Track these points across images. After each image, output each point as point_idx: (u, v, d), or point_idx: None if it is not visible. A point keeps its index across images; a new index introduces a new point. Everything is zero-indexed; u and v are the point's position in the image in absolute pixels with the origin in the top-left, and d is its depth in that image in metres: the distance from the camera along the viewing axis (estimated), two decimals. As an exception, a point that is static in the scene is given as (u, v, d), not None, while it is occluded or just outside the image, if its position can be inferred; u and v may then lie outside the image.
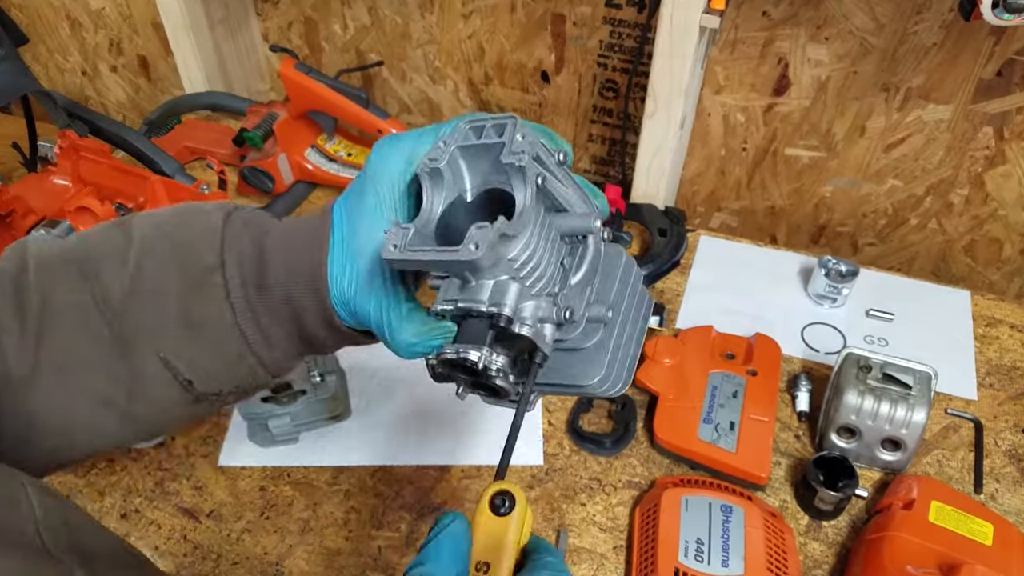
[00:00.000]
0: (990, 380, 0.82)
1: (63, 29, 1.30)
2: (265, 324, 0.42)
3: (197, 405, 0.43)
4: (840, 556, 0.68)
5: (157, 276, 0.41)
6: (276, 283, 0.41)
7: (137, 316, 0.40)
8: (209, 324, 0.41)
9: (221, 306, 0.40)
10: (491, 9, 1.03)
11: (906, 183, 0.99)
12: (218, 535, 0.69)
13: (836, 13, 0.88)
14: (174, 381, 0.41)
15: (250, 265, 0.41)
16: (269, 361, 0.43)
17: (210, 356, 0.41)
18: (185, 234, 0.42)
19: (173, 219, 0.43)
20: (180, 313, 0.40)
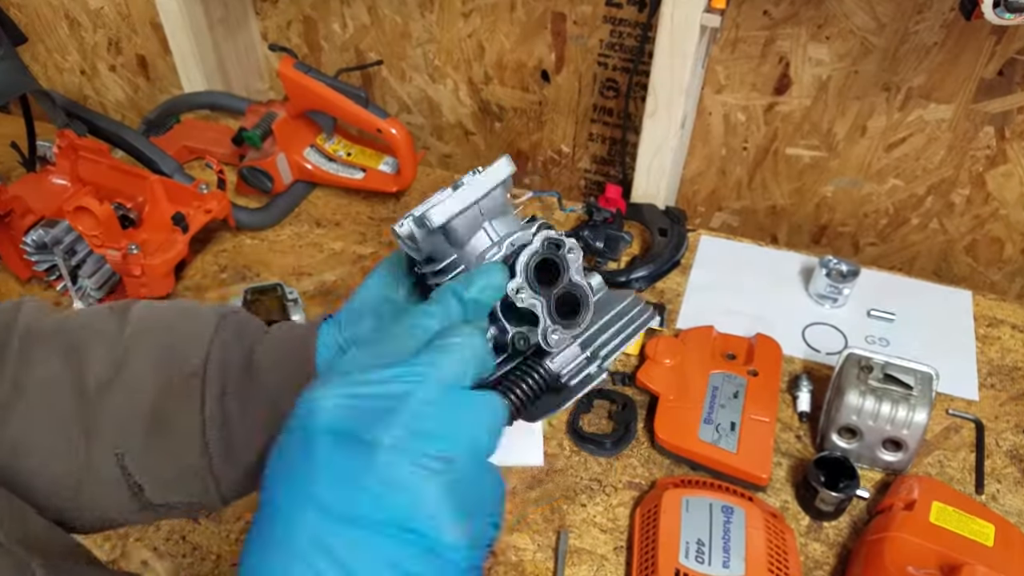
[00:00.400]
0: (991, 380, 0.82)
1: (62, 28, 1.29)
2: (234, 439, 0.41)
3: (141, 513, 0.42)
4: (841, 557, 0.68)
5: (138, 371, 0.40)
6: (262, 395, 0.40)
7: (108, 409, 0.39)
8: (175, 432, 0.40)
9: (190, 416, 0.40)
10: (491, 8, 1.03)
11: (907, 183, 0.99)
12: (217, 536, 0.69)
13: (837, 12, 0.87)
14: (124, 483, 0.40)
15: (237, 375, 0.40)
16: (226, 482, 0.42)
17: (168, 463, 0.40)
18: (176, 334, 0.41)
19: (169, 315, 0.42)
20: (151, 413, 0.40)
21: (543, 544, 0.68)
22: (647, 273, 0.91)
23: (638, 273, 0.90)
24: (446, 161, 1.24)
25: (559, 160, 1.16)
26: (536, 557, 0.67)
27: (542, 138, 1.14)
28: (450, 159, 1.24)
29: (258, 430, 0.41)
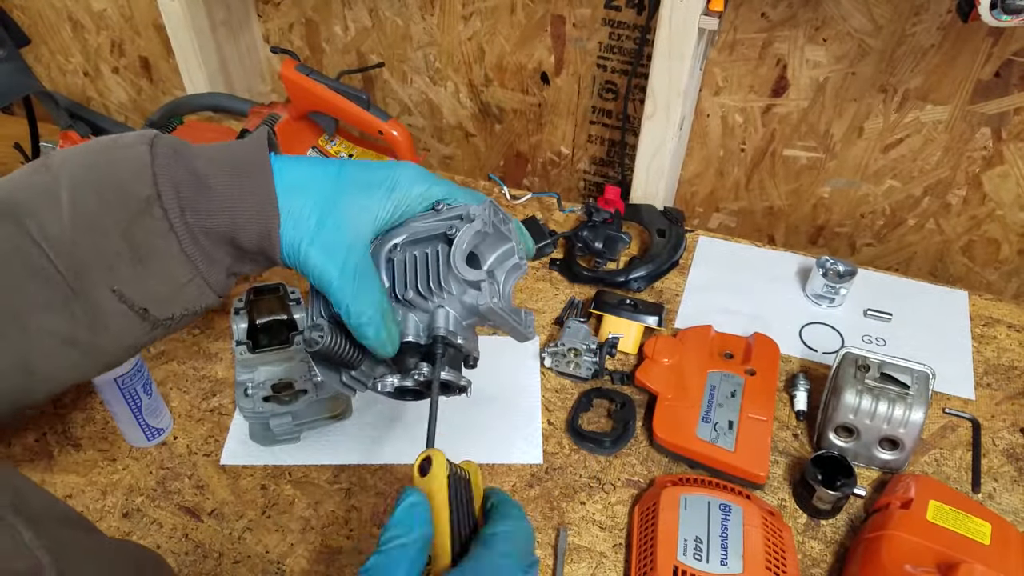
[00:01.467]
0: (988, 380, 0.82)
1: (65, 30, 1.30)
2: (207, 247, 0.44)
3: (155, 331, 0.45)
4: (838, 555, 0.68)
5: (96, 213, 0.41)
6: (219, 208, 0.44)
7: (83, 255, 0.41)
8: (157, 255, 0.43)
9: (165, 236, 0.42)
10: (491, 11, 1.04)
11: (904, 184, 0.99)
12: (220, 534, 0.69)
13: (834, 14, 0.88)
14: (130, 312, 0.43)
15: (188, 191, 0.43)
16: (214, 281, 0.45)
17: (162, 284, 0.43)
18: (115, 170, 0.43)
19: (97, 156, 0.44)
20: (127, 248, 0.42)
21: (542, 541, 0.69)
22: (646, 273, 0.91)
23: (637, 273, 0.91)
24: (447, 163, 1.25)
25: (558, 161, 1.17)
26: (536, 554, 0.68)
27: (541, 140, 1.15)
28: (451, 160, 1.24)
29: (224, 236, 0.44)
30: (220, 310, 0.89)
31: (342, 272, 0.44)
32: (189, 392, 0.81)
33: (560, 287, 0.93)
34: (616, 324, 0.85)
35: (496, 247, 0.49)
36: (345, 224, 0.45)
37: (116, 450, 0.76)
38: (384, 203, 0.46)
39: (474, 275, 0.46)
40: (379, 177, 0.46)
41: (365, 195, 0.46)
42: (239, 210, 0.44)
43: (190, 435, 0.77)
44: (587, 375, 0.81)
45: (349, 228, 0.45)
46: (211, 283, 0.45)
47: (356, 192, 0.46)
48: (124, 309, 0.43)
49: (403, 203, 0.47)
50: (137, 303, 0.43)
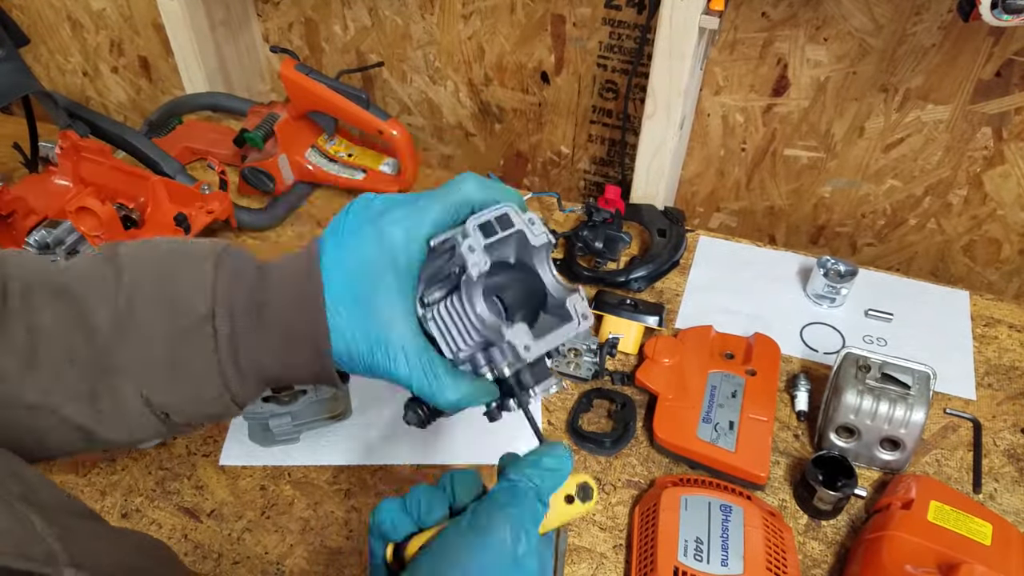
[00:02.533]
0: (989, 380, 0.82)
1: (64, 30, 1.30)
2: (245, 368, 0.43)
3: (169, 432, 0.46)
4: (839, 555, 0.68)
5: (146, 319, 0.42)
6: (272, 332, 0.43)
7: (124, 355, 0.42)
8: (193, 370, 0.42)
9: (208, 356, 0.42)
10: (491, 10, 1.03)
11: (905, 183, 0.99)
12: (219, 534, 0.69)
13: (835, 14, 0.88)
14: (151, 414, 0.43)
15: (242, 316, 0.43)
16: (241, 397, 0.45)
17: (190, 397, 0.43)
18: (176, 282, 0.43)
19: (163, 263, 0.44)
20: (166, 357, 0.42)
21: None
22: (646, 273, 0.91)
23: (637, 273, 0.91)
24: (447, 162, 1.25)
25: (558, 161, 1.16)
26: (536, 555, 0.68)
27: (542, 139, 1.15)
28: (450, 160, 1.24)
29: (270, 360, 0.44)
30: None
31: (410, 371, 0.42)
32: (188, 392, 0.81)
33: (560, 287, 0.93)
34: (616, 324, 0.84)
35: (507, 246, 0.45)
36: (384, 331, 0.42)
37: (115, 451, 0.75)
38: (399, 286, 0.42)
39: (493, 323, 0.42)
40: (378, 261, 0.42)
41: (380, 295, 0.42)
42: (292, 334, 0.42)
43: (189, 435, 0.77)
44: (587, 375, 0.81)
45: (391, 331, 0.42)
46: (237, 399, 0.44)
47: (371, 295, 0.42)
48: (147, 412, 0.43)
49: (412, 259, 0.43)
50: (159, 408, 0.43)
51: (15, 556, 0.31)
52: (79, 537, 0.36)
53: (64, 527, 0.35)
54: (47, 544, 0.33)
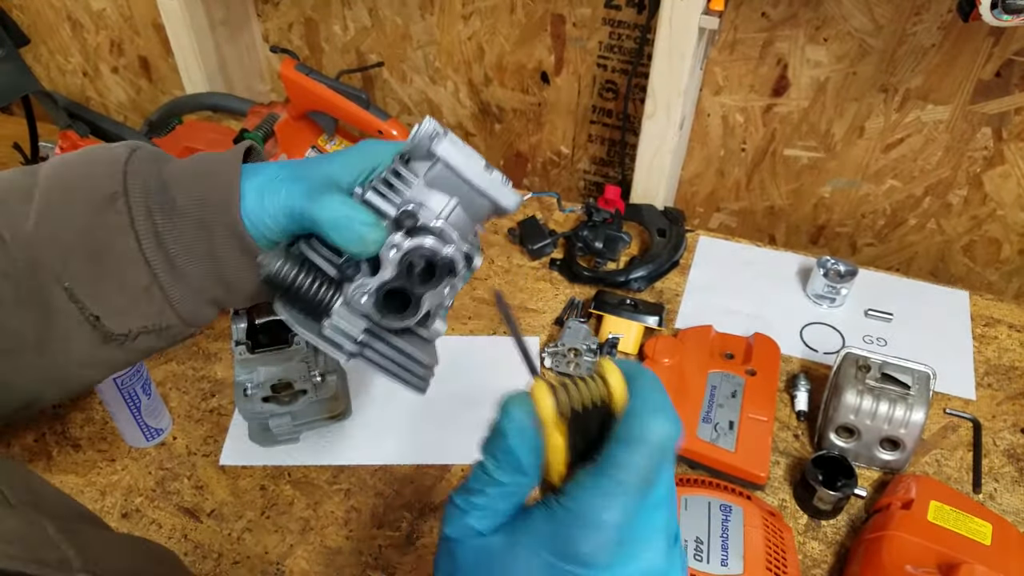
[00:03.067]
0: (988, 380, 0.82)
1: (64, 30, 1.30)
2: (172, 252, 0.41)
3: (107, 347, 0.42)
4: (839, 555, 0.68)
5: (60, 207, 0.40)
6: (186, 208, 0.41)
7: (42, 249, 0.40)
8: (113, 252, 0.40)
9: (125, 233, 0.40)
10: (491, 10, 1.03)
11: (905, 183, 0.99)
12: (219, 534, 0.69)
13: (835, 14, 0.88)
14: (80, 315, 0.40)
15: (156, 193, 0.41)
16: (177, 297, 0.42)
17: (115, 287, 0.41)
18: (89, 166, 0.42)
19: (78, 156, 0.43)
20: (83, 243, 0.40)
21: (543, 542, 0.69)
22: (646, 273, 0.91)
23: (637, 273, 0.91)
24: (446, 162, 1.25)
25: (558, 161, 1.16)
26: (536, 555, 0.68)
27: (541, 139, 1.15)
28: (450, 160, 1.24)
29: (192, 243, 0.42)
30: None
31: (307, 185, 0.41)
32: (188, 392, 0.81)
33: (560, 287, 0.93)
34: (616, 324, 0.84)
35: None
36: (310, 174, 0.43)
37: (115, 450, 0.75)
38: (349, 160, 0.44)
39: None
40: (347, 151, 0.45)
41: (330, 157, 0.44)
42: (204, 205, 0.42)
43: (189, 435, 0.77)
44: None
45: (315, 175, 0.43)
46: (172, 299, 0.42)
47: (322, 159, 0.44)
48: (74, 311, 0.40)
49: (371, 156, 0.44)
50: (88, 307, 0.40)
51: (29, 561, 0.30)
52: (91, 543, 0.35)
53: (75, 533, 0.34)
54: (60, 550, 0.33)
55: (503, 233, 0.99)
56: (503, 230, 0.99)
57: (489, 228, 1.00)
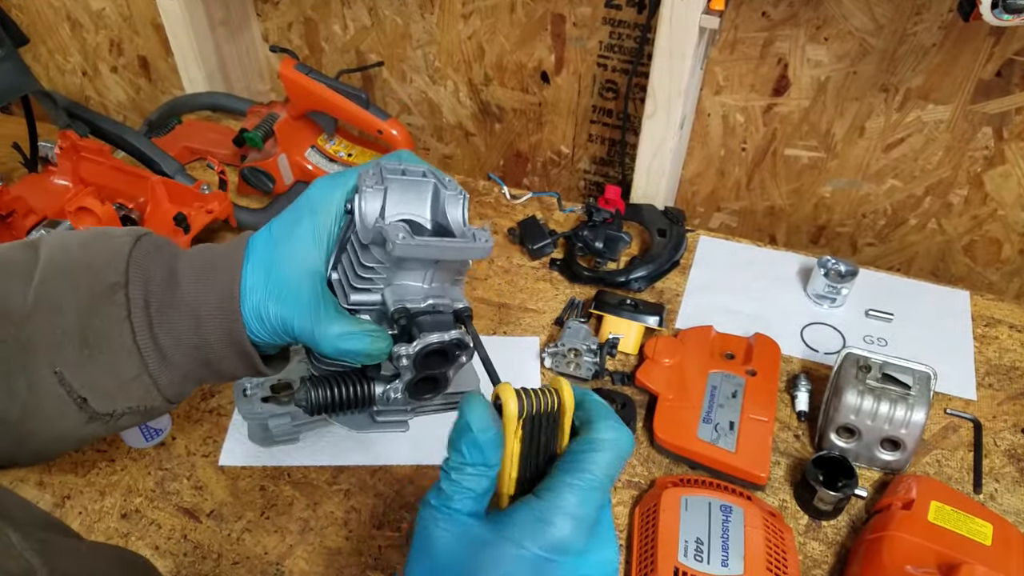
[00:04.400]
0: (989, 380, 0.82)
1: (63, 29, 1.30)
2: (164, 345, 0.42)
3: (90, 425, 0.43)
4: (840, 556, 0.68)
5: (59, 291, 0.41)
6: (183, 302, 0.42)
7: (36, 330, 0.40)
8: (107, 342, 0.41)
9: (121, 325, 0.41)
10: (491, 9, 1.03)
11: (905, 183, 0.99)
12: (218, 535, 0.69)
13: (836, 14, 0.88)
14: (68, 397, 0.41)
15: (157, 286, 0.42)
16: (165, 383, 0.43)
17: (106, 374, 0.41)
18: (92, 253, 0.42)
19: (82, 239, 0.43)
20: (79, 329, 0.41)
21: (543, 543, 0.68)
22: (646, 273, 0.91)
23: (637, 273, 0.91)
24: (446, 162, 1.25)
25: (559, 161, 1.16)
26: (536, 556, 0.68)
27: (542, 139, 1.15)
28: (450, 160, 1.24)
29: (184, 335, 0.43)
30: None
31: (299, 310, 0.42)
32: (188, 392, 0.81)
33: (560, 287, 0.93)
34: (616, 324, 0.84)
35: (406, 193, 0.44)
36: (288, 271, 0.43)
37: (114, 451, 0.75)
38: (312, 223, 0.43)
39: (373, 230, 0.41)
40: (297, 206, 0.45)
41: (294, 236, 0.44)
42: (202, 303, 0.42)
43: (188, 436, 0.77)
44: (587, 375, 0.81)
45: (292, 271, 0.43)
46: (160, 384, 0.43)
47: (286, 238, 0.44)
48: (62, 394, 0.41)
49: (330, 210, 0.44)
50: (76, 390, 0.41)
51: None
52: (56, 552, 0.35)
53: (41, 541, 0.34)
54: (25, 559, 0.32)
55: (503, 233, 0.99)
56: (503, 230, 0.99)
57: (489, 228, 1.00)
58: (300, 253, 0.43)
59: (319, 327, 0.42)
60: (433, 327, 0.41)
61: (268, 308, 0.42)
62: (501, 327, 0.87)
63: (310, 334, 0.42)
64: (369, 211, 0.42)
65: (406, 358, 0.41)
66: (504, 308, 0.89)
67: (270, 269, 0.43)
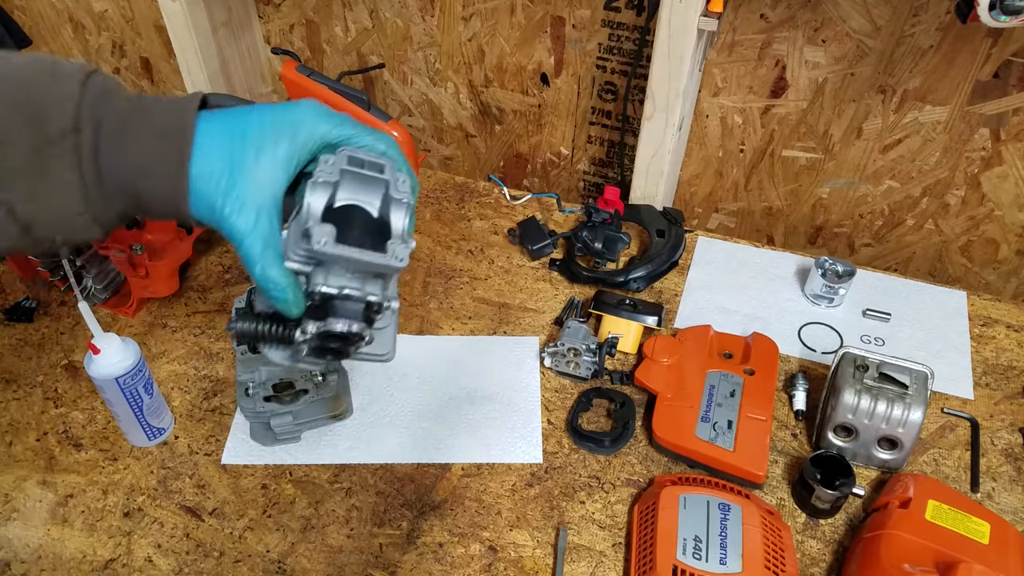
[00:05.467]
0: (986, 379, 0.82)
1: (66, 31, 1.30)
2: (108, 190, 0.44)
3: (25, 240, 0.45)
4: (837, 554, 0.68)
5: (8, 129, 0.42)
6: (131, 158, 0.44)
7: None
8: (56, 184, 0.43)
9: (71, 171, 0.43)
10: (491, 12, 1.04)
11: (903, 184, 0.99)
12: (221, 533, 0.70)
13: (833, 15, 0.88)
14: (11, 222, 0.44)
15: (107, 135, 0.44)
16: (105, 220, 0.46)
17: (52, 210, 0.44)
18: (41, 92, 0.43)
19: (26, 73, 0.44)
20: (28, 167, 0.42)
21: (542, 540, 0.69)
22: (645, 273, 0.91)
23: (636, 273, 0.91)
24: (447, 163, 1.25)
25: (558, 162, 1.17)
26: (535, 553, 0.68)
27: (541, 140, 1.15)
28: (451, 161, 1.25)
29: (130, 187, 0.45)
30: (221, 310, 0.89)
31: (252, 234, 0.45)
32: (190, 392, 0.81)
33: (560, 287, 0.93)
34: (616, 324, 0.85)
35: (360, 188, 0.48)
36: (254, 190, 0.45)
37: (117, 450, 0.76)
38: (291, 150, 0.46)
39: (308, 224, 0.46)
40: (284, 122, 0.46)
41: (273, 145, 0.46)
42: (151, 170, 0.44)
43: (191, 435, 0.77)
44: (587, 375, 0.81)
45: (260, 193, 0.45)
46: (101, 221, 0.45)
47: (265, 145, 0.46)
48: (7, 219, 0.43)
49: (308, 144, 0.47)
50: (21, 218, 0.43)
51: None
52: None
53: None
54: None
55: (503, 233, 1.00)
56: (503, 230, 1.00)
57: (489, 229, 1.01)
58: (271, 175, 0.45)
59: (261, 262, 0.45)
60: (342, 314, 0.47)
61: (223, 211, 0.45)
62: (501, 327, 0.87)
63: (249, 258, 0.46)
64: (314, 207, 0.46)
65: (309, 333, 0.47)
66: (504, 308, 0.90)
67: (236, 171, 0.45)
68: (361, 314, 0.47)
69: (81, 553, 0.68)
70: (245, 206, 0.45)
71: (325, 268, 0.47)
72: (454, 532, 0.70)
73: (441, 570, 0.67)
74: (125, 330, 0.87)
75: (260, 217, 0.45)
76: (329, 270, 0.47)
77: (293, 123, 0.46)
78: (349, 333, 0.47)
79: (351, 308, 0.47)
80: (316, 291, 0.46)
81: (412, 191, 0.49)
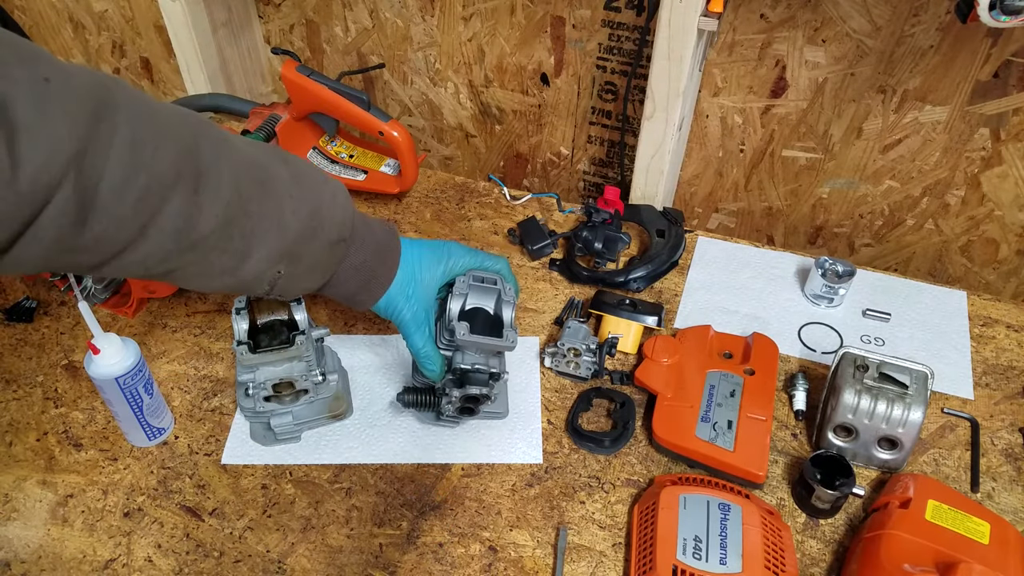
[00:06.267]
0: (986, 379, 0.82)
1: (66, 31, 1.30)
2: (340, 282, 0.63)
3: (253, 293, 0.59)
4: (837, 554, 0.68)
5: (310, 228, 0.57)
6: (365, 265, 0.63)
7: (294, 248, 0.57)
8: (318, 270, 0.60)
9: (331, 265, 0.61)
10: (491, 12, 1.04)
11: (903, 184, 0.99)
12: (220, 533, 0.70)
13: (833, 15, 0.88)
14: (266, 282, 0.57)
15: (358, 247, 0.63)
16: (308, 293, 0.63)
17: (298, 288, 0.60)
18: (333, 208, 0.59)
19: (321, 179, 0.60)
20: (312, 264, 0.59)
21: (542, 540, 0.69)
22: (645, 273, 0.91)
23: (636, 274, 0.91)
24: (447, 163, 1.25)
25: (558, 162, 1.17)
26: (535, 553, 0.68)
27: (541, 140, 1.15)
28: (451, 161, 1.25)
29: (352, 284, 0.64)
30: (221, 310, 0.89)
31: (422, 326, 0.67)
32: (190, 392, 0.81)
33: (560, 287, 0.93)
34: (616, 324, 0.85)
35: (482, 296, 0.70)
36: (424, 293, 0.67)
37: (117, 450, 0.76)
38: (444, 270, 0.68)
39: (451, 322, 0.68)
40: (440, 254, 0.68)
41: (434, 267, 0.68)
42: (375, 277, 0.64)
43: (191, 435, 0.77)
44: (587, 375, 0.81)
45: (426, 296, 0.68)
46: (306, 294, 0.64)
47: (431, 267, 0.68)
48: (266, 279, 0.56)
49: (455, 269, 0.69)
50: (277, 284, 0.57)
51: None
52: None
53: None
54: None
55: (503, 233, 1.00)
56: (503, 230, 1.00)
57: (489, 229, 1.01)
58: (433, 286, 0.68)
59: (416, 336, 0.67)
60: (475, 382, 0.68)
61: (403, 309, 0.66)
62: (501, 327, 0.87)
63: (408, 333, 0.67)
64: (453, 310, 0.68)
65: (455, 397, 0.69)
66: (504, 308, 0.90)
67: (416, 283, 0.67)
68: (487, 381, 0.68)
69: (81, 553, 0.68)
70: (418, 307, 0.67)
71: (462, 351, 0.68)
72: (454, 532, 0.70)
73: (441, 570, 0.67)
74: (125, 330, 0.87)
75: (427, 315, 0.68)
76: (464, 352, 0.68)
77: (447, 253, 0.68)
78: (480, 395, 0.68)
79: (480, 378, 0.68)
80: (457, 367, 0.67)
81: (515, 293, 0.70)
